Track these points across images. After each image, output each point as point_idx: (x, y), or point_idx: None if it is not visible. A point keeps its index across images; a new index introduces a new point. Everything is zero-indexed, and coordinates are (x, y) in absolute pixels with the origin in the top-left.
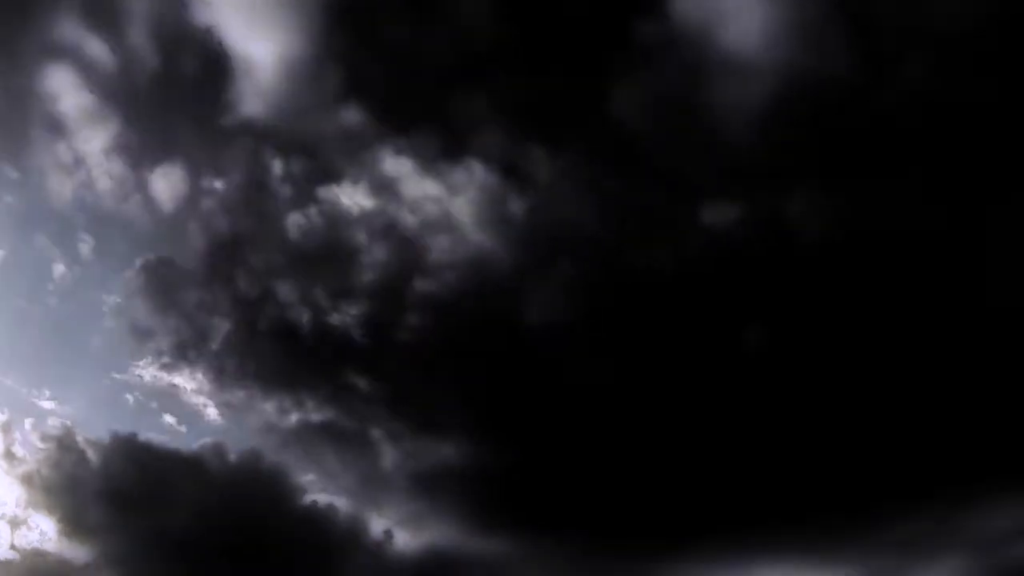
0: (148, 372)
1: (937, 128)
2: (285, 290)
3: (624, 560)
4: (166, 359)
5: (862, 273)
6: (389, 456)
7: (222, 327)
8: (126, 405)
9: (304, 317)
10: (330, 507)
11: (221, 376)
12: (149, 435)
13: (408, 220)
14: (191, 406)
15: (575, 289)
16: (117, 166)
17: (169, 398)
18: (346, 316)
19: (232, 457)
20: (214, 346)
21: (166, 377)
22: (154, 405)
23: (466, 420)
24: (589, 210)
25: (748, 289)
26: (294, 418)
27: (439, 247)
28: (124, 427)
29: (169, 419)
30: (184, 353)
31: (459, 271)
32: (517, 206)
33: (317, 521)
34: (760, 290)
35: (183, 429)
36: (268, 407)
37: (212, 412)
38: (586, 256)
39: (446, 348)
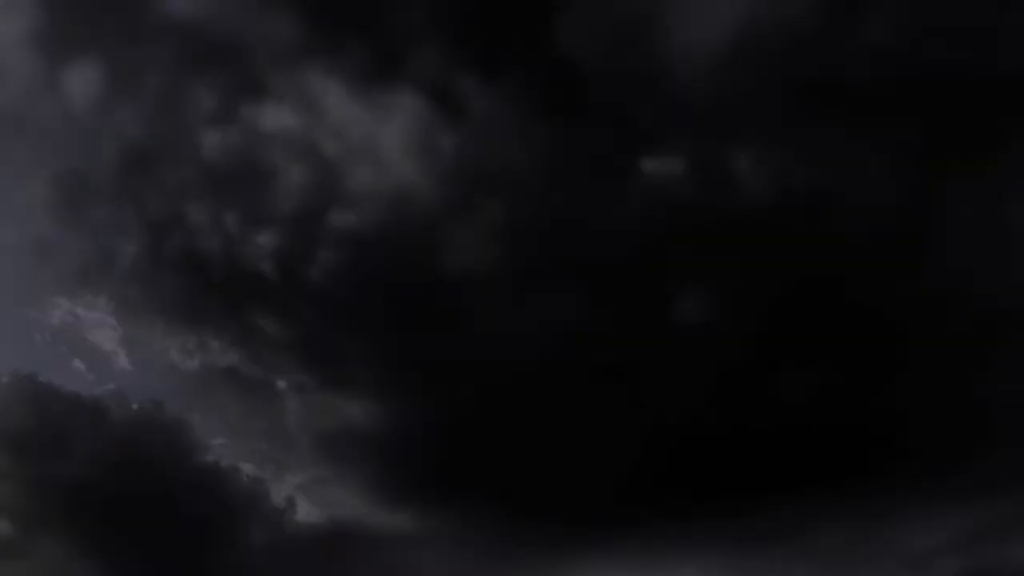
0: (57, 312)
1: (896, 84)
2: (195, 213)
3: (542, 541)
4: (70, 285)
5: (813, 239)
6: (295, 412)
7: (128, 250)
8: (32, 342)
9: (213, 245)
10: (231, 468)
11: (125, 307)
12: (53, 377)
13: (330, 145)
14: (97, 348)
15: (504, 234)
16: (31, 61)
17: (76, 335)
18: (257, 247)
19: (134, 406)
20: (120, 272)
21: (70, 307)
22: (62, 346)
23: (378, 375)
24: (524, 148)
25: (689, 247)
26: (197, 361)
27: (361, 177)
28: (29, 367)
29: (78, 363)
30: (88, 278)
31: (381, 205)
32: (447, 138)
33: (217, 481)
34: (701, 249)
35: (89, 373)
36: (171, 347)
37: (120, 357)
38: (517, 199)
39: (361, 291)
